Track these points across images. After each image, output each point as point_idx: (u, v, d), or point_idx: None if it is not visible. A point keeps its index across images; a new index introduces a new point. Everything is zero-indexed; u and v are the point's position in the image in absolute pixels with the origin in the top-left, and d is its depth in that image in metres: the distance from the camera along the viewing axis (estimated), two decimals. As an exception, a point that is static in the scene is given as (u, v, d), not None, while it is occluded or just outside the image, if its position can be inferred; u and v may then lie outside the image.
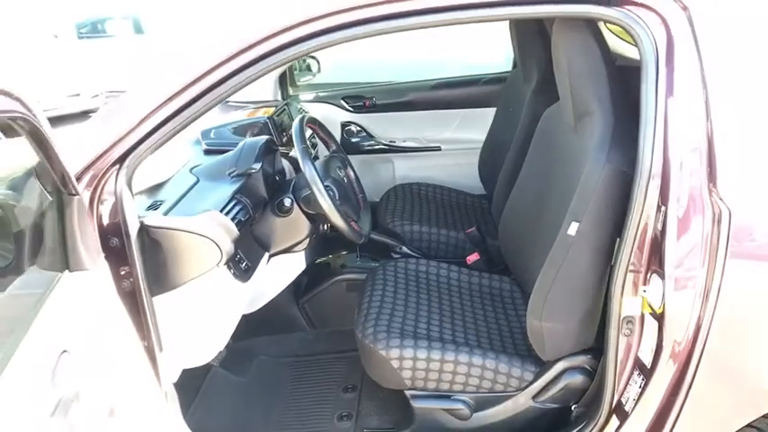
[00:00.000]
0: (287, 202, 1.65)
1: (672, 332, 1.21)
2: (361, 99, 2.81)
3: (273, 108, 2.34)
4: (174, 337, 1.39)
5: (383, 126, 2.82)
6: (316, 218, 1.70)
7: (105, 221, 1.22)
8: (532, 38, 2.12)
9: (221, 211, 1.45)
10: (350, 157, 2.79)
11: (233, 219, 1.45)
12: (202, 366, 1.65)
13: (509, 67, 2.85)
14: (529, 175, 1.83)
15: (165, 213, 1.42)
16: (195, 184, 1.62)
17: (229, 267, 1.47)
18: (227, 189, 1.56)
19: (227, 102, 2.63)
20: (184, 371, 1.53)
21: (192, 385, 1.88)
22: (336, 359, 2.04)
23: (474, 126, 2.72)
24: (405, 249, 2.20)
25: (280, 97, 2.77)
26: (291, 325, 2.18)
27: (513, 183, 1.92)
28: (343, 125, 2.81)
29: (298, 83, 2.89)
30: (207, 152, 1.95)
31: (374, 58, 3.38)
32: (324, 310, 2.18)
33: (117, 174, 1.23)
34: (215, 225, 1.36)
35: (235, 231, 1.41)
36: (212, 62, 1.23)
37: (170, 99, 1.24)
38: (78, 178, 1.21)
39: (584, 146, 1.39)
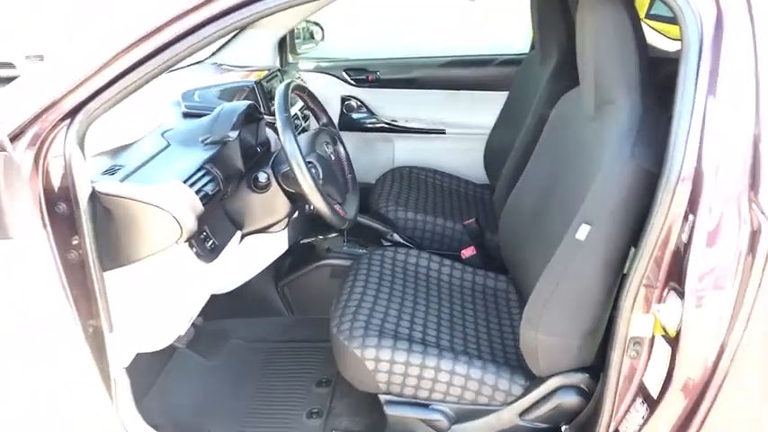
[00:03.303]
0: (262, 177, 1.48)
1: (686, 360, 1.05)
2: (364, 72, 2.63)
3: (266, 72, 2.16)
4: (126, 317, 1.24)
5: (386, 103, 2.64)
6: (296, 197, 1.53)
7: (52, 184, 1.07)
8: (554, 17, 1.94)
9: (186, 181, 1.28)
10: (348, 134, 2.64)
11: (198, 191, 1.29)
12: (167, 346, 1.51)
13: (526, 50, 2.67)
14: (538, 166, 1.66)
15: (123, 179, 1.26)
16: (164, 148, 1.45)
17: (192, 245, 1.31)
18: (197, 157, 1.40)
19: (221, 64, 2.47)
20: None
21: (153, 366, 1.74)
22: (313, 349, 1.90)
23: (483, 110, 2.53)
24: (396, 237, 2.04)
25: (278, 64, 2.59)
26: (268, 308, 2.04)
27: (519, 173, 1.75)
28: (344, 99, 2.63)
29: (298, 50, 2.70)
30: (186, 115, 1.78)
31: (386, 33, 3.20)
32: (304, 296, 2.03)
33: (67, 130, 1.08)
34: (176, 197, 1.20)
35: (199, 206, 1.25)
36: (182, 8, 1.07)
37: (133, 46, 1.08)
38: (20, 133, 1.06)
39: (603, 138, 1.22)
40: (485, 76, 2.60)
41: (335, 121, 2.63)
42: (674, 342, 1.06)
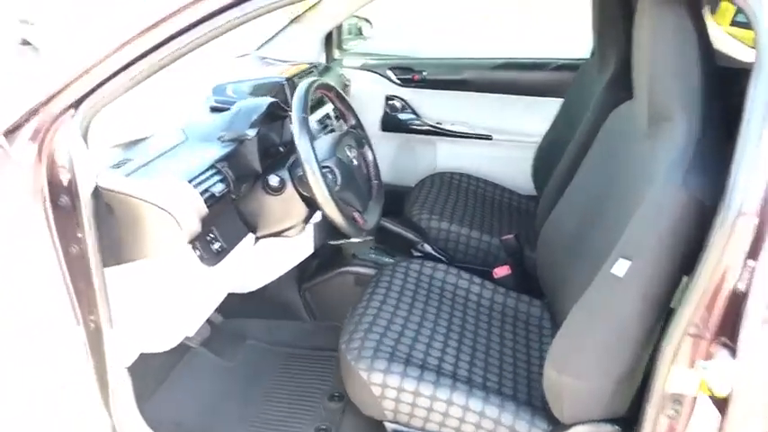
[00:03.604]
0: (273, 180, 1.39)
1: (740, 429, 0.89)
2: (410, 72, 2.50)
3: (305, 67, 2.08)
4: (127, 316, 1.19)
5: (431, 104, 2.50)
6: (312, 202, 1.44)
7: (55, 176, 1.03)
8: (615, 21, 1.76)
9: (193, 180, 1.21)
10: (390, 134, 2.54)
11: (204, 191, 1.21)
12: (179, 345, 1.46)
13: (587, 55, 2.47)
14: (584, 182, 1.51)
15: (129, 174, 1.20)
16: (180, 143, 1.39)
17: (195, 248, 1.24)
18: (210, 155, 1.32)
19: (265, 57, 2.42)
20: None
21: (163, 365, 1.70)
22: (330, 358, 1.80)
23: (534, 117, 2.36)
24: (427, 248, 1.91)
25: (324, 59, 2.51)
26: (290, 311, 1.96)
27: (565, 187, 1.60)
28: (388, 98, 2.52)
29: (344, 46, 2.61)
30: (213, 109, 1.72)
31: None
32: (326, 302, 1.94)
33: (71, 121, 1.04)
34: (178, 196, 1.13)
35: (203, 208, 1.17)
36: None
37: (139, 35, 1.03)
38: (23, 122, 1.03)
39: (655, 159, 1.06)
40: (538, 81, 2.42)
41: (378, 120, 2.54)
42: (722, 405, 0.90)
